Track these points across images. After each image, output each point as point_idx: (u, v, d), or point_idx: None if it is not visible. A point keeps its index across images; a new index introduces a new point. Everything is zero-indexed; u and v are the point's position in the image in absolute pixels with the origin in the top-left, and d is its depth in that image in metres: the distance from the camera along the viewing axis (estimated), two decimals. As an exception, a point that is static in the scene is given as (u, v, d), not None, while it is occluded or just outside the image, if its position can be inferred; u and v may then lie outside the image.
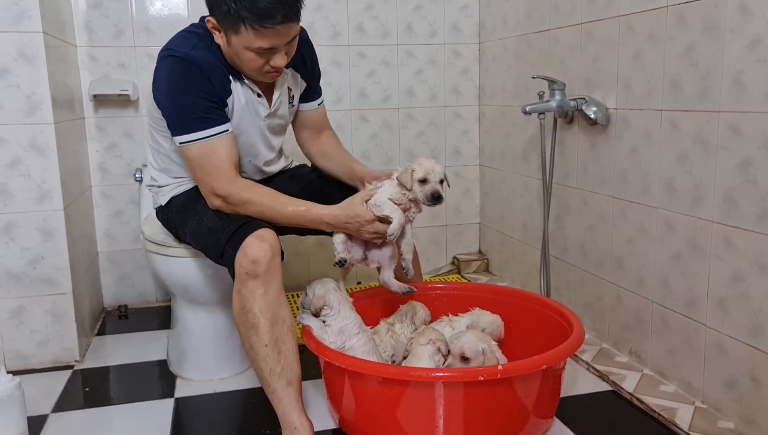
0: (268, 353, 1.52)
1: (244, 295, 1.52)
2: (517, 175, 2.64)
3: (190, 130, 1.59)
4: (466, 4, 2.84)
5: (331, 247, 1.74)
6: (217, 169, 1.60)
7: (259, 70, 1.60)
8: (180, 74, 1.58)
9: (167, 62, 1.60)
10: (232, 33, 1.53)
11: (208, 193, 1.64)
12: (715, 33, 1.59)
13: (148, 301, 2.71)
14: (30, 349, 2.10)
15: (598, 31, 2.04)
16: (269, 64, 1.58)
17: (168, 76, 1.59)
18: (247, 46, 1.53)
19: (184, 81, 1.58)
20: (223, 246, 1.56)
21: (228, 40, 1.56)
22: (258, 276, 1.50)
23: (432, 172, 1.65)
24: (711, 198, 1.65)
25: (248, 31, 1.50)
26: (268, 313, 1.52)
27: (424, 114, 2.89)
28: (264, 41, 1.52)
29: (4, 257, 2.03)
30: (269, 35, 1.51)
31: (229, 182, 1.61)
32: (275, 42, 1.53)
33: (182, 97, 1.58)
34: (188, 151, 1.62)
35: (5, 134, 1.97)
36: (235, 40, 1.54)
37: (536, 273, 2.41)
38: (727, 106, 1.57)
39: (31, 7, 1.93)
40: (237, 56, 1.58)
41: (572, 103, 2.08)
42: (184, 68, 1.58)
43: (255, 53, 1.55)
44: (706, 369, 1.71)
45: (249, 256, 1.50)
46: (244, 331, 1.54)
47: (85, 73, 2.49)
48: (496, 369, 1.42)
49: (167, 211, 1.86)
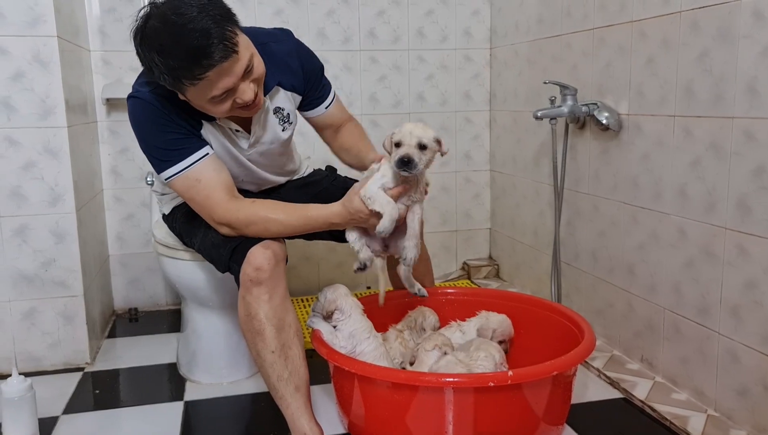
0: (275, 360, 1.52)
1: (249, 302, 1.52)
2: (528, 181, 2.63)
3: (167, 165, 1.53)
4: (477, 10, 2.84)
5: (341, 251, 1.73)
6: (207, 198, 1.54)
7: (233, 110, 1.48)
8: (142, 116, 1.52)
9: (131, 105, 1.54)
10: (182, 92, 1.43)
11: (212, 224, 1.58)
12: (729, 39, 1.58)
13: (159, 304, 2.72)
14: (41, 350, 2.11)
15: (610, 36, 2.03)
16: (237, 101, 1.44)
17: (133, 119, 1.54)
18: (203, 98, 1.41)
19: (147, 122, 1.52)
20: (227, 261, 1.57)
21: (184, 96, 1.45)
22: (262, 283, 1.50)
23: (409, 135, 1.44)
24: (724, 204, 1.63)
25: (194, 87, 1.38)
26: (274, 319, 1.52)
27: (435, 119, 2.89)
28: (215, 88, 1.39)
29: (17, 259, 2.05)
30: (215, 80, 1.37)
31: (224, 209, 1.53)
32: (227, 83, 1.39)
33: (151, 137, 1.53)
34: (175, 186, 1.57)
35: (19, 137, 1.99)
36: (190, 96, 1.43)
37: (547, 279, 2.40)
38: (741, 112, 1.56)
39: (46, 12, 1.95)
40: (203, 108, 1.47)
41: (584, 108, 2.07)
42: (145, 109, 1.51)
43: (217, 100, 1.42)
44: (718, 377, 1.70)
45: (253, 264, 1.49)
46: (250, 338, 1.54)
47: (98, 77, 2.51)
48: (507, 375, 1.41)
49: (172, 220, 1.87)
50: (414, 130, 1.46)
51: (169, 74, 1.37)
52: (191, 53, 1.32)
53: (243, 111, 1.50)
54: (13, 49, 1.95)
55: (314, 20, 2.64)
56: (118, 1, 2.49)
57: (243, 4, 2.57)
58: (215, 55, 1.34)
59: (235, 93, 1.43)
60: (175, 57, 1.33)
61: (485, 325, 1.81)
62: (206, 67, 1.34)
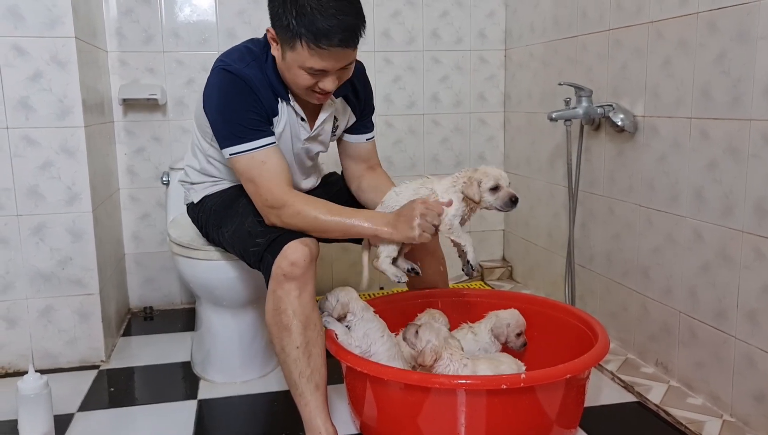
0: (299, 356, 1.53)
1: (279, 296, 1.53)
2: (542, 182, 2.62)
3: (239, 141, 1.59)
4: (492, 11, 2.84)
5: (354, 251, 1.74)
6: (269, 180, 1.59)
7: (308, 89, 1.58)
8: (231, 89, 1.59)
9: (220, 75, 1.60)
10: (288, 48, 1.52)
11: (262, 208, 1.61)
12: (747, 40, 1.57)
13: (173, 303, 2.74)
14: (58, 348, 2.13)
15: (626, 37, 2.02)
16: (318, 86, 1.56)
17: (219, 89, 1.60)
18: (300, 64, 1.52)
19: (234, 95, 1.58)
20: (263, 252, 1.57)
21: (283, 54, 1.55)
22: (295, 278, 1.51)
23: (501, 178, 1.62)
24: (742, 207, 1.62)
25: (303, 49, 1.49)
26: (301, 315, 1.53)
27: (449, 120, 2.88)
28: (317, 61, 1.50)
29: (35, 257, 2.07)
30: (323, 56, 1.49)
31: (281, 192, 1.58)
32: (328, 64, 1.51)
33: (232, 110, 1.59)
34: (238, 164, 1.61)
35: (37, 137, 2.02)
36: (289, 56, 1.53)
37: (561, 281, 2.38)
38: (759, 114, 1.55)
39: (64, 13, 1.97)
40: (289, 72, 1.57)
41: (599, 110, 2.06)
42: (236, 84, 1.58)
43: (306, 72, 1.53)
44: (735, 382, 1.68)
45: (289, 258, 1.50)
46: (276, 332, 1.55)
47: (115, 77, 2.53)
48: (520, 377, 1.41)
49: (199, 210, 1.87)
50: (502, 172, 1.64)
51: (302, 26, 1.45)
52: (338, 24, 1.45)
53: (311, 95, 1.60)
54: (32, 50, 1.97)
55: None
56: (135, 3, 2.51)
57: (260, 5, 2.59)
58: (348, 41, 1.49)
59: (323, 76, 1.54)
60: (323, 17, 1.44)
61: (498, 323, 1.80)
62: (335, 44, 1.47)
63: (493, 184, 1.61)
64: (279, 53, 1.57)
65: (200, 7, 2.57)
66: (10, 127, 1.99)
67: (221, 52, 2.64)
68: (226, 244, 1.76)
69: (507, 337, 1.79)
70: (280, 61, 1.58)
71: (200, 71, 2.59)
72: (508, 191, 1.61)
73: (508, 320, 1.80)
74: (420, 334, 1.56)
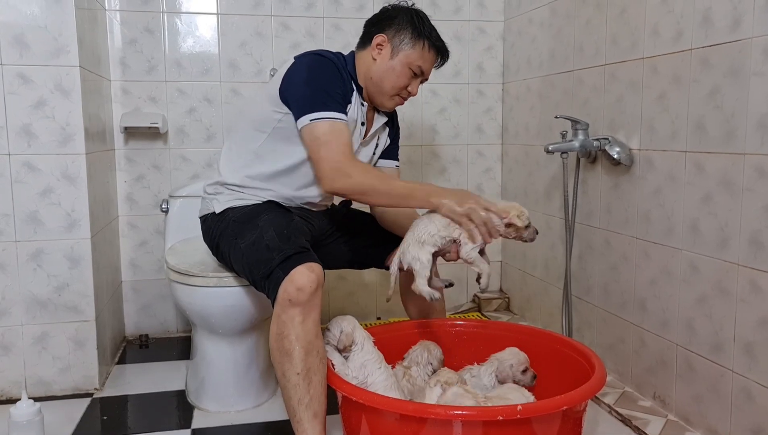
0: (299, 382, 1.53)
1: (283, 321, 1.53)
2: (539, 214, 2.63)
3: (325, 108, 1.69)
4: (490, 46, 2.89)
5: (351, 281, 1.74)
6: (345, 145, 1.69)
7: (399, 89, 1.82)
8: (320, 66, 1.75)
9: (309, 57, 1.78)
10: (406, 47, 1.78)
11: (329, 169, 1.68)
12: (740, 76, 1.60)
13: (169, 331, 2.73)
14: (51, 375, 2.12)
15: (622, 72, 2.05)
16: (407, 89, 1.83)
17: (309, 65, 1.75)
18: (410, 62, 1.78)
19: (323, 71, 1.75)
20: (275, 266, 1.57)
21: (394, 53, 1.78)
22: (300, 304, 1.52)
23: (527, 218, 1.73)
24: (737, 240, 1.63)
25: (423, 48, 1.78)
26: (303, 341, 1.53)
27: (447, 151, 2.91)
28: (425, 62, 1.80)
29: (32, 283, 2.07)
30: (430, 60, 1.81)
31: (353, 156, 1.72)
32: (428, 66, 1.82)
33: (321, 81, 1.72)
34: (318, 128, 1.69)
35: (39, 163, 2.03)
36: (402, 54, 1.78)
37: (558, 313, 2.38)
38: (753, 148, 1.57)
39: (69, 43, 2.01)
40: (392, 71, 1.79)
41: (595, 143, 2.08)
42: (325, 63, 1.76)
43: (411, 70, 1.79)
44: (732, 416, 1.67)
45: (296, 283, 1.51)
46: (278, 358, 1.55)
47: (117, 106, 2.56)
48: (516, 409, 1.40)
49: (218, 220, 1.83)
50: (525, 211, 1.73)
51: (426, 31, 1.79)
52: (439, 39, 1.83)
53: (393, 98, 1.84)
54: (36, 78, 2.00)
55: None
56: (139, 33, 2.55)
57: (260, 36, 2.63)
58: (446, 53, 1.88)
59: (415, 79, 1.83)
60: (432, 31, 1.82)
61: (501, 366, 1.76)
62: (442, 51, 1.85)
63: (526, 222, 1.71)
64: (385, 54, 1.79)
65: (203, 38, 2.62)
66: (12, 154, 2.01)
67: (223, 82, 2.70)
68: (235, 258, 1.73)
69: (513, 377, 1.75)
70: (383, 63, 1.79)
71: (201, 100, 2.63)
72: (532, 227, 1.74)
73: (510, 361, 1.77)
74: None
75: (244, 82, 2.66)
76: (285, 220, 1.73)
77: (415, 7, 1.86)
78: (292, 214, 1.81)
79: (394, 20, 1.80)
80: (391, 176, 1.93)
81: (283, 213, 1.78)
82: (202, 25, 2.61)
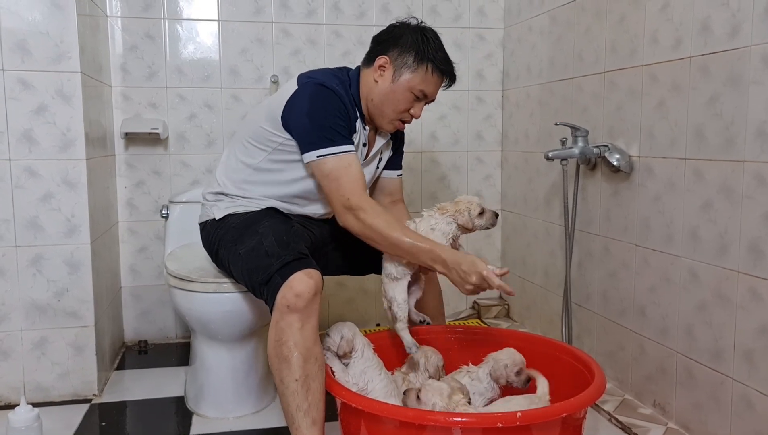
0: (297, 389, 1.53)
1: (281, 328, 1.53)
2: (539, 221, 2.63)
3: (329, 144, 1.68)
4: (490, 53, 2.90)
5: (350, 287, 1.74)
6: (354, 181, 1.68)
7: (400, 113, 1.78)
8: (324, 98, 1.71)
9: (312, 87, 1.73)
10: (408, 71, 1.73)
11: (340, 207, 1.69)
12: (739, 84, 1.60)
13: (168, 337, 2.73)
14: (50, 381, 2.11)
15: (621, 79, 2.06)
16: (410, 112, 1.78)
17: (311, 97, 1.71)
18: (412, 86, 1.74)
19: (326, 104, 1.71)
20: (274, 273, 1.57)
21: (397, 77, 1.74)
22: (298, 310, 1.51)
23: (481, 203, 1.81)
24: (736, 248, 1.63)
25: (426, 72, 1.73)
26: (302, 348, 1.52)
27: (447, 158, 2.92)
28: (428, 86, 1.75)
29: (31, 289, 2.07)
30: (435, 83, 1.76)
31: (363, 196, 1.70)
32: (432, 89, 1.77)
33: (323, 116, 1.70)
34: (325, 165, 1.68)
35: (39, 169, 2.04)
36: (404, 78, 1.74)
37: (558, 320, 2.38)
38: (752, 156, 1.57)
39: (70, 49, 2.01)
40: (393, 94, 1.75)
41: (595, 150, 2.09)
42: (328, 95, 1.72)
43: (413, 94, 1.75)
44: (732, 424, 1.66)
45: (294, 290, 1.51)
46: (276, 364, 1.55)
47: (118, 111, 2.57)
48: (515, 416, 1.40)
49: (218, 226, 1.84)
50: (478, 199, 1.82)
51: (431, 54, 1.74)
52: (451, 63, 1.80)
53: (393, 122, 1.81)
54: (38, 84, 2.01)
55: (331, 61, 2.70)
56: (140, 40, 2.56)
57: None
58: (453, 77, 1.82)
59: (418, 103, 1.78)
60: (443, 54, 1.78)
61: (495, 365, 1.77)
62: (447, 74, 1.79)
63: (480, 210, 1.78)
64: (387, 77, 1.75)
65: (204, 44, 2.63)
66: (12, 159, 2.01)
67: (223, 88, 2.71)
68: (234, 265, 1.73)
69: (507, 377, 1.75)
70: (384, 86, 1.75)
71: (202, 106, 2.64)
72: (490, 211, 1.80)
73: (505, 361, 1.77)
74: (423, 399, 1.54)
75: (244, 89, 2.67)
76: (285, 226, 1.73)
77: (424, 24, 1.80)
78: (292, 221, 1.81)
79: (399, 40, 1.75)
80: (401, 222, 1.75)
81: (283, 220, 1.79)
82: (203, 31, 2.62)
